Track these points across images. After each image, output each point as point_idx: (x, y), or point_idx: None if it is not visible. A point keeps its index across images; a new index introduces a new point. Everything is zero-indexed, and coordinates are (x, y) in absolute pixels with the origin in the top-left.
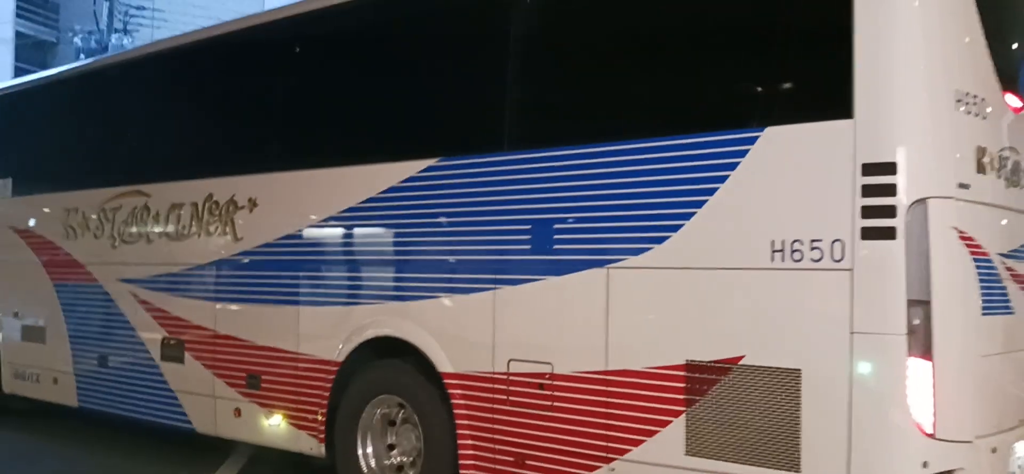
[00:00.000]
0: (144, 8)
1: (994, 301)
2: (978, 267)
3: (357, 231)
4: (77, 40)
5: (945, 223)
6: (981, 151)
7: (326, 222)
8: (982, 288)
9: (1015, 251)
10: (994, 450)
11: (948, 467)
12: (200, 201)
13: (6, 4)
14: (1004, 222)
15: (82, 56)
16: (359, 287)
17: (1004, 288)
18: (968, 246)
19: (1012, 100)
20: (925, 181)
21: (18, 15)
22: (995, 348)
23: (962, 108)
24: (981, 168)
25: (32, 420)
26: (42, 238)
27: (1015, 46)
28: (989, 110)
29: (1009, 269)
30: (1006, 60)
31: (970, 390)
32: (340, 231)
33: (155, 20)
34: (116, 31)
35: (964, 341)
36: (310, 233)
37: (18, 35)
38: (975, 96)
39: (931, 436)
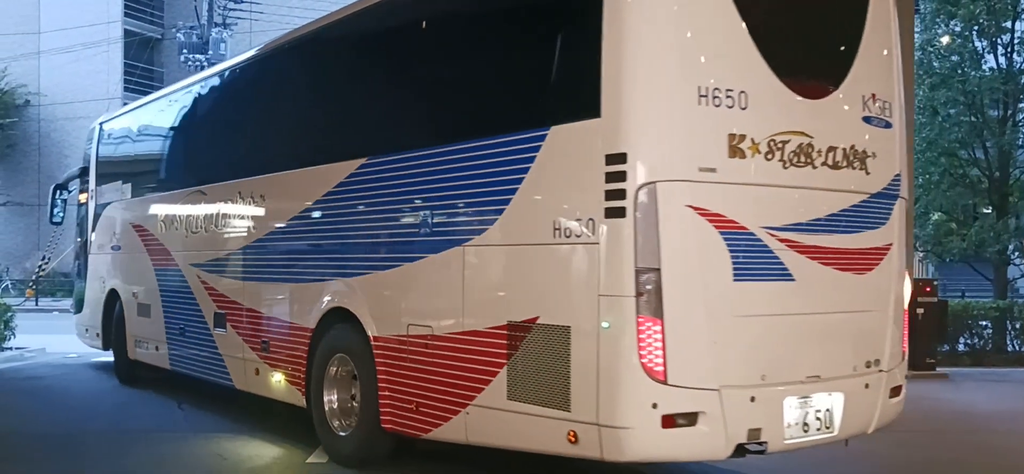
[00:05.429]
0: (242, 1)
1: (756, 268)
2: (727, 239)
3: (320, 220)
4: (180, 35)
5: (677, 202)
6: (737, 137)
7: (303, 212)
8: (734, 257)
9: (799, 224)
10: (753, 399)
11: (682, 410)
12: (233, 197)
13: (115, 4)
14: (779, 199)
15: (185, 51)
16: (324, 266)
17: (776, 257)
18: (713, 221)
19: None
20: (654, 167)
21: (126, 14)
22: (758, 309)
23: (709, 101)
24: (737, 153)
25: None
26: (147, 231)
27: (820, 38)
28: (750, 101)
29: (787, 241)
30: (799, 52)
31: (714, 344)
32: (309, 220)
33: (252, 13)
34: (216, 25)
35: (704, 302)
36: (292, 222)
37: (125, 33)
38: (729, 90)
39: (662, 382)
